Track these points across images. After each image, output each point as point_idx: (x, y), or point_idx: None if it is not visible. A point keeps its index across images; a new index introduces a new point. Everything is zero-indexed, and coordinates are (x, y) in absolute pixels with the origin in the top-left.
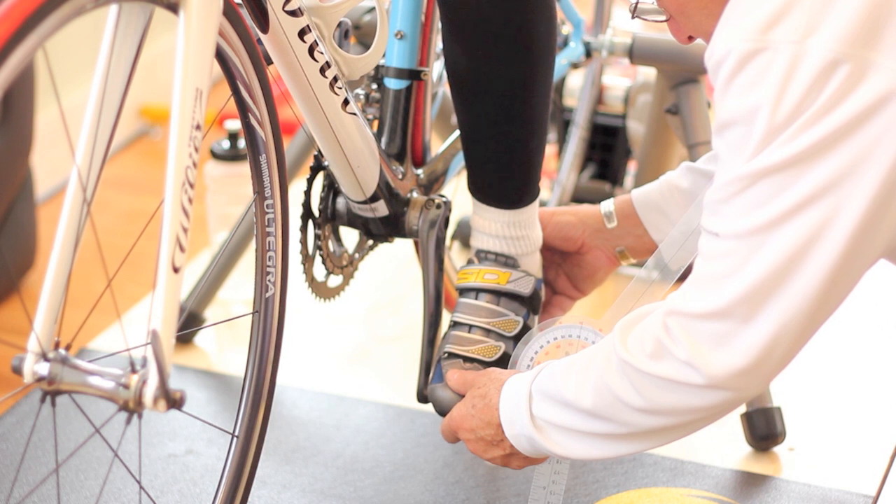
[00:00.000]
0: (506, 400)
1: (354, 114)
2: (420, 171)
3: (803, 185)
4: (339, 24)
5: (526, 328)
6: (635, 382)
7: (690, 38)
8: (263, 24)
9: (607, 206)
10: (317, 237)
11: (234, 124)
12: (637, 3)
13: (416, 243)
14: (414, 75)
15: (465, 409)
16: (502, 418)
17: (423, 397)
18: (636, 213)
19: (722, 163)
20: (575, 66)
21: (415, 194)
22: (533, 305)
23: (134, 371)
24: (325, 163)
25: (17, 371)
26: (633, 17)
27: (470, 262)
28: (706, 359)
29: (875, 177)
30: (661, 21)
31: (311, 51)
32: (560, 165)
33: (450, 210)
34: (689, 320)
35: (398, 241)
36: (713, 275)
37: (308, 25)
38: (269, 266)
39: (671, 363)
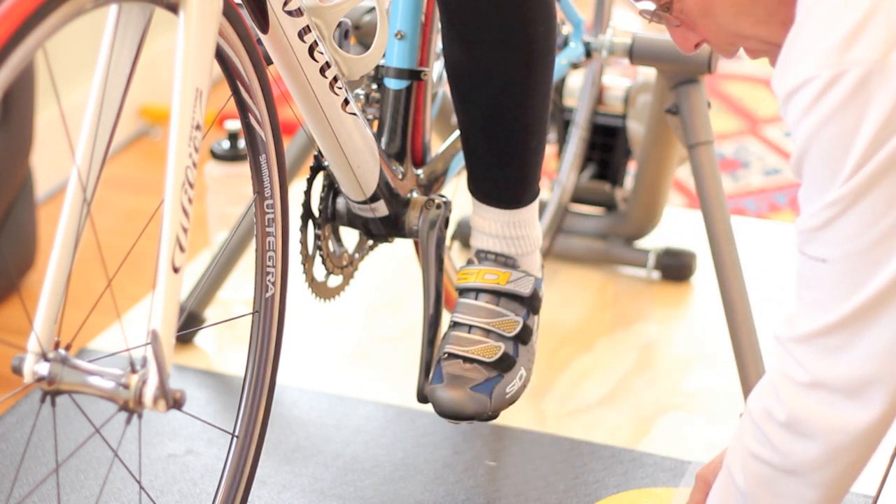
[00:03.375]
0: None
1: (354, 114)
2: (420, 172)
3: None
4: (339, 25)
5: (526, 328)
6: (772, 434)
7: (697, 46)
8: (263, 24)
9: None
10: (317, 237)
11: (234, 124)
12: (654, 11)
13: (416, 243)
14: (414, 75)
15: None
16: None
17: (423, 397)
18: None
19: (810, 189)
20: (575, 66)
21: (415, 194)
22: (533, 306)
23: (134, 371)
24: (325, 163)
25: (17, 371)
26: (649, 23)
27: (470, 262)
28: (825, 370)
29: None
30: (675, 26)
31: (311, 51)
32: (560, 165)
33: (450, 210)
34: (802, 340)
35: (398, 241)
36: (826, 297)
37: (308, 25)
38: (269, 266)
39: (796, 386)
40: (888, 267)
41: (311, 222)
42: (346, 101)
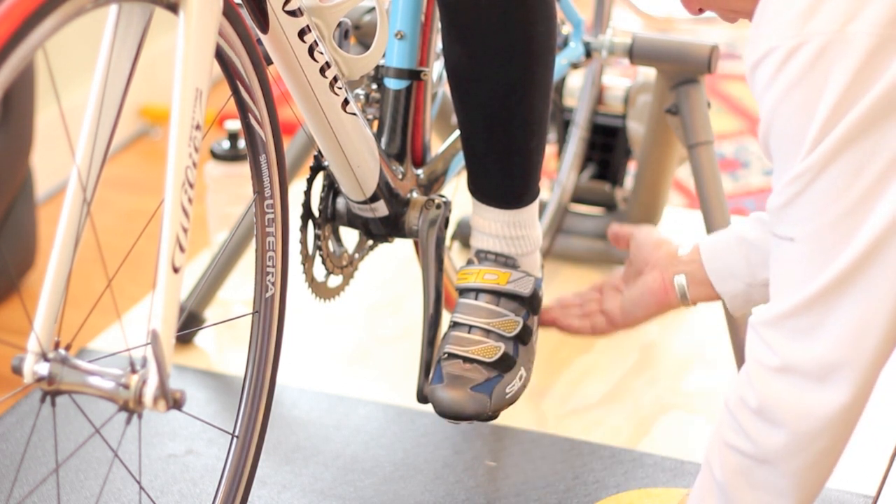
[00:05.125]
0: None
1: (354, 114)
2: (420, 172)
3: (874, 166)
4: (339, 25)
5: (526, 328)
6: (743, 421)
7: (700, 11)
8: (263, 24)
9: (684, 244)
10: (317, 237)
11: (234, 124)
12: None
13: (416, 243)
14: (414, 75)
15: None
16: None
17: (423, 397)
18: (701, 259)
19: (776, 165)
20: (575, 66)
21: (415, 194)
22: (533, 306)
23: (134, 371)
24: (325, 163)
25: (17, 371)
26: None
27: (470, 262)
28: (794, 353)
29: None
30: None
31: (311, 51)
32: (560, 165)
33: (450, 210)
34: (772, 323)
35: (398, 241)
36: (795, 278)
37: (308, 25)
38: (269, 266)
39: (766, 371)
40: (853, 244)
41: (311, 222)
42: (346, 102)
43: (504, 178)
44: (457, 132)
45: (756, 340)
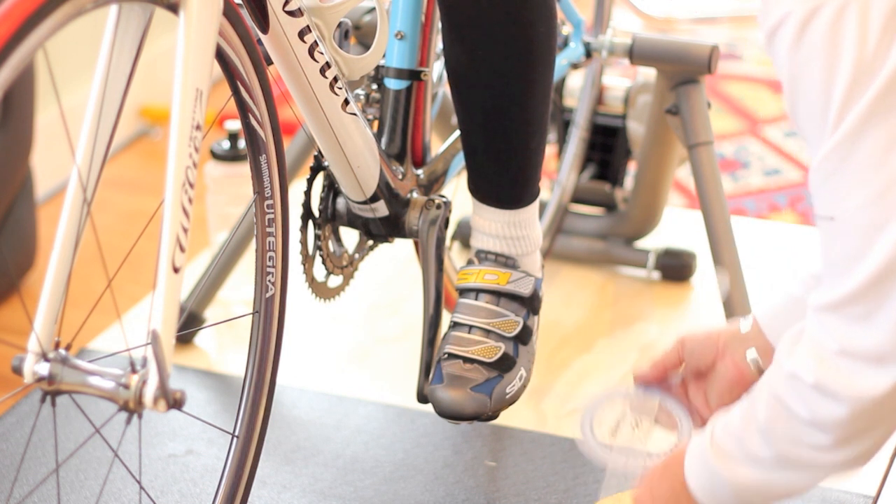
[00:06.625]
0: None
1: (354, 114)
2: (420, 172)
3: None
4: (339, 25)
5: (526, 329)
6: (801, 392)
7: None
8: (263, 24)
9: (744, 319)
10: (317, 237)
11: (234, 124)
12: None
13: (416, 243)
14: (414, 75)
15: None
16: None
17: (423, 397)
18: (763, 333)
19: (809, 140)
20: (575, 66)
21: (415, 194)
22: (533, 306)
23: (134, 371)
24: (325, 163)
25: (17, 371)
26: None
27: (470, 262)
28: (853, 339)
29: None
30: None
31: (311, 51)
32: (560, 165)
33: (450, 210)
34: (828, 309)
35: (398, 241)
36: (841, 261)
37: (308, 26)
38: (269, 266)
39: (825, 352)
40: (892, 227)
41: (311, 222)
42: (347, 102)
43: (504, 179)
44: (457, 132)
45: (815, 323)
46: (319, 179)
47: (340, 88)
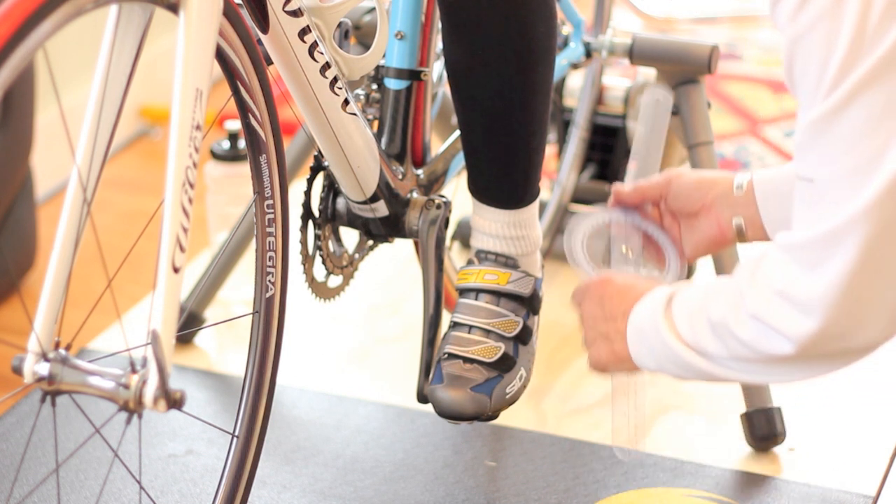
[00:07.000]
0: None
1: (354, 114)
2: (420, 172)
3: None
4: (340, 25)
5: (526, 329)
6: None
7: None
8: (263, 24)
9: (740, 177)
10: (317, 237)
11: (234, 124)
12: None
13: (416, 243)
14: (414, 76)
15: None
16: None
17: (423, 397)
18: (753, 193)
19: (800, 103)
20: (575, 66)
21: (415, 194)
22: (533, 306)
23: (134, 371)
24: (325, 163)
25: (17, 371)
26: None
27: (470, 262)
28: (794, 282)
29: None
30: None
31: (311, 51)
32: (560, 165)
33: (450, 210)
34: (785, 248)
35: (398, 241)
36: (811, 215)
37: (308, 26)
38: (269, 266)
39: (767, 289)
40: (864, 192)
41: (311, 222)
42: (347, 102)
43: (504, 179)
44: (457, 132)
45: (773, 256)
46: (319, 179)
47: (340, 88)
